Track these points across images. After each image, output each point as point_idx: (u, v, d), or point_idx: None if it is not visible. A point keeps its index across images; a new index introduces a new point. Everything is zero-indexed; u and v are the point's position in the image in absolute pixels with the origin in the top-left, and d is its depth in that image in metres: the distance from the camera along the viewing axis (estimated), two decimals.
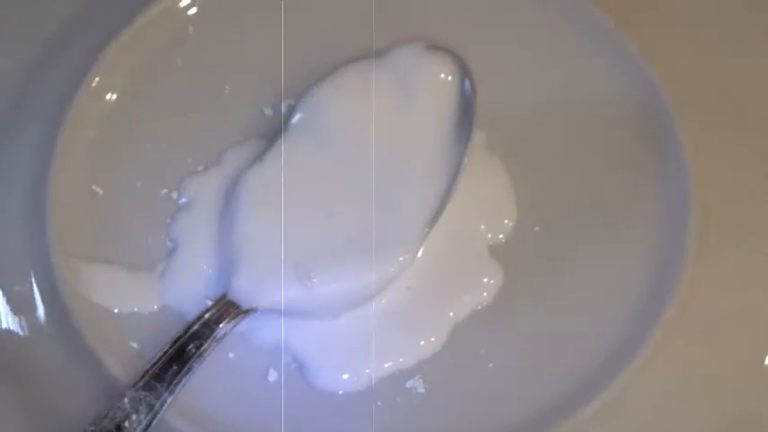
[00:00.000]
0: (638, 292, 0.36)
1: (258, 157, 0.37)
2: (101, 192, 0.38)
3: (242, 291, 0.34)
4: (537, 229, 0.37)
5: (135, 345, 0.35)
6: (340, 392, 0.35)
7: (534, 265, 0.37)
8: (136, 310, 0.36)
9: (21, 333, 0.36)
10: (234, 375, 0.35)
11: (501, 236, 0.37)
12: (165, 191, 0.38)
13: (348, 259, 0.35)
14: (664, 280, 0.36)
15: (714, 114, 0.39)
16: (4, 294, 0.37)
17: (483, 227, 0.37)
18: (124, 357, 0.35)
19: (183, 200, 0.38)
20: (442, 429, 0.35)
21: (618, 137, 0.39)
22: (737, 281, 0.37)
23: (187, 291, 0.36)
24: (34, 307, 0.36)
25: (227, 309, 0.34)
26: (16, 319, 0.36)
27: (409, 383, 0.35)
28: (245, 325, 0.35)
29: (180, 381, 0.33)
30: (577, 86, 0.40)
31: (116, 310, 0.36)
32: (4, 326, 0.36)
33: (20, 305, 0.36)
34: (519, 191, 0.38)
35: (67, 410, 0.34)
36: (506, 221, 0.38)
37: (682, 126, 0.38)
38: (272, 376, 0.35)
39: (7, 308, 0.36)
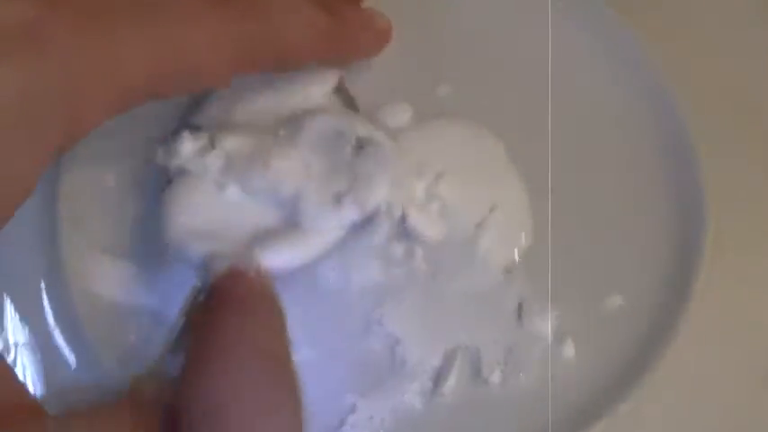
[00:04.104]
0: (651, 304, 0.36)
1: None
2: (113, 183, 0.37)
3: None
4: (550, 245, 0.37)
5: (133, 337, 0.35)
6: None
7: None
8: (138, 302, 0.35)
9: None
10: None
11: (516, 255, 0.36)
12: None
13: None
14: (678, 293, 0.35)
15: (728, 116, 0.39)
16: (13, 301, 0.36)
17: (497, 246, 0.36)
18: (120, 349, 0.34)
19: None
20: None
21: (637, 151, 0.38)
22: (752, 287, 0.37)
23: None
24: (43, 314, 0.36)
25: None
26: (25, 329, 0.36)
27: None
28: None
29: None
30: (599, 102, 0.39)
31: (118, 301, 0.35)
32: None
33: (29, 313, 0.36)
34: (534, 206, 0.37)
35: None
36: (522, 239, 0.37)
37: (698, 135, 0.37)
38: None
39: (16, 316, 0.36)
